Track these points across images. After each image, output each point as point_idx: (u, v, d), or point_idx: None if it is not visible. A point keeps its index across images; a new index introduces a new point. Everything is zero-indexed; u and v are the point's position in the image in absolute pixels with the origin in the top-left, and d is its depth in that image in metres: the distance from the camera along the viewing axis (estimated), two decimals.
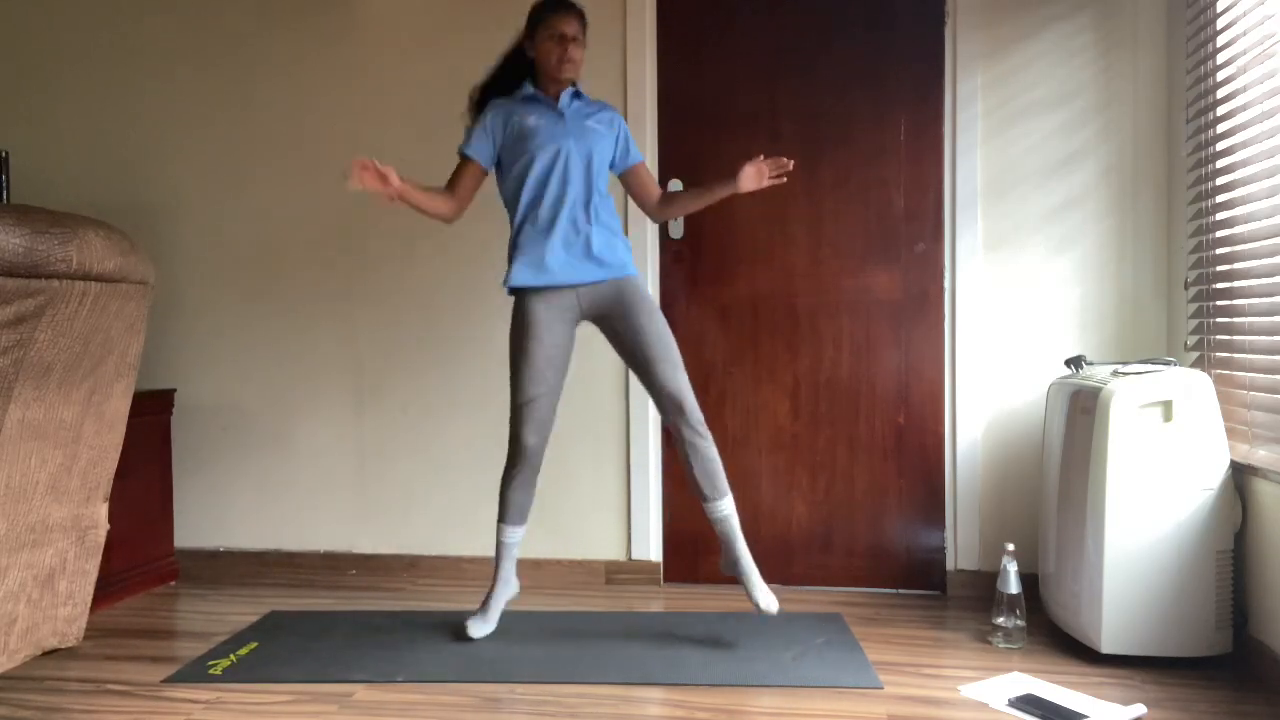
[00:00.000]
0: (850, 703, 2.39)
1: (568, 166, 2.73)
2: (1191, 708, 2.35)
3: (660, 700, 2.45)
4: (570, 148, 2.73)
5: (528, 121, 2.75)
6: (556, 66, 2.74)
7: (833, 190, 3.39)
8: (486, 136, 2.78)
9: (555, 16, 2.73)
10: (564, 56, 2.73)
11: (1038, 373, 3.26)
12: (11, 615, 2.50)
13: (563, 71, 2.74)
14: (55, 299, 2.27)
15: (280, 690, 2.49)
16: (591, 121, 2.79)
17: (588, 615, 3.11)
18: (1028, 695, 2.40)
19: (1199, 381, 2.62)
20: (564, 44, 2.73)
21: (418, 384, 3.54)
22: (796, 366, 3.41)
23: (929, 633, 2.95)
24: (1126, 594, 2.59)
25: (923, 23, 3.33)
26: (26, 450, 2.39)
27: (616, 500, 3.46)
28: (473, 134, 2.79)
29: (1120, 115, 3.25)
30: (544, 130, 2.74)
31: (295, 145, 3.59)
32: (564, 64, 2.74)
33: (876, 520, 3.39)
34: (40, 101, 3.69)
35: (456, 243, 3.49)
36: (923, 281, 3.35)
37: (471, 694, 2.46)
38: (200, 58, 3.62)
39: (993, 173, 3.30)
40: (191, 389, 3.63)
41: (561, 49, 2.73)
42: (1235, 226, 2.79)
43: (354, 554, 3.58)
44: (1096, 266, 3.27)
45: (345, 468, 3.59)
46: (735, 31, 3.42)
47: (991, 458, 3.31)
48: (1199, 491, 2.59)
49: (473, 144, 2.78)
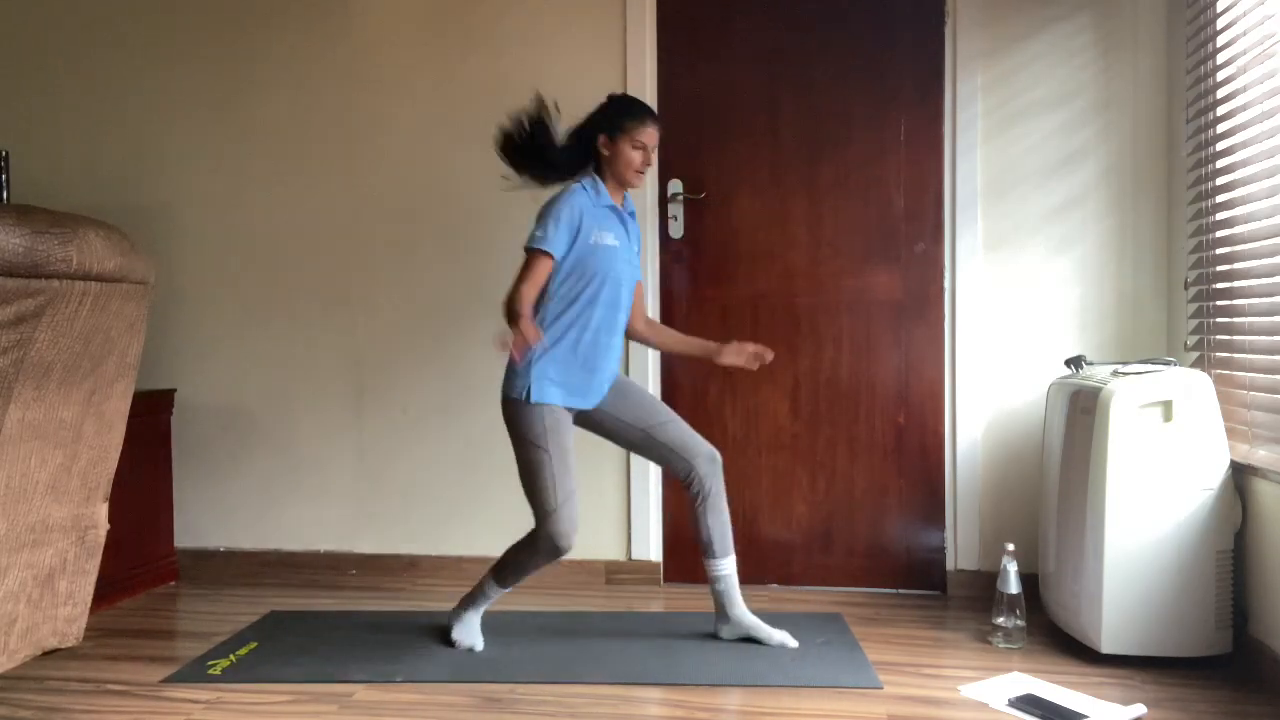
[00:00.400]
0: (850, 703, 2.39)
1: (621, 294, 2.70)
2: (1191, 708, 2.35)
3: (660, 700, 2.45)
4: (629, 274, 2.72)
5: (606, 240, 2.66)
6: (632, 177, 2.70)
7: (833, 190, 3.39)
8: (570, 235, 2.62)
9: (648, 127, 2.69)
10: (643, 167, 2.70)
11: (1038, 373, 3.26)
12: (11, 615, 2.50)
13: (636, 182, 2.73)
14: (55, 299, 2.27)
15: (280, 690, 2.49)
16: (637, 245, 2.80)
17: (588, 615, 3.11)
18: (1028, 695, 2.40)
19: (1199, 381, 2.62)
20: (646, 155, 2.70)
21: (418, 384, 3.53)
22: (796, 366, 3.40)
23: (929, 633, 2.95)
24: (1126, 594, 2.59)
25: (923, 22, 3.33)
26: (26, 450, 2.39)
27: (616, 500, 3.46)
28: (556, 231, 2.60)
29: (1120, 115, 3.25)
30: (619, 257, 2.68)
31: (296, 145, 3.59)
32: (639, 175, 2.71)
33: (876, 520, 3.38)
34: (40, 101, 3.69)
35: (457, 243, 3.49)
36: (923, 281, 3.35)
37: (471, 694, 2.46)
38: (200, 58, 3.62)
39: (993, 173, 3.30)
40: (191, 389, 3.63)
41: (644, 160, 2.69)
42: (1235, 226, 2.79)
43: (354, 554, 3.58)
44: (1096, 266, 3.27)
45: (345, 468, 3.58)
46: (735, 31, 3.42)
47: (991, 458, 3.31)
48: (1199, 491, 2.59)
49: (557, 243, 2.60)
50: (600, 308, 2.65)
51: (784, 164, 3.40)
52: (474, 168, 3.51)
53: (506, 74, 3.46)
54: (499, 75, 3.46)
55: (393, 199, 3.55)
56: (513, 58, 3.46)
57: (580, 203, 2.65)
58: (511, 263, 2.72)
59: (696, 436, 2.76)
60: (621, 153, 2.68)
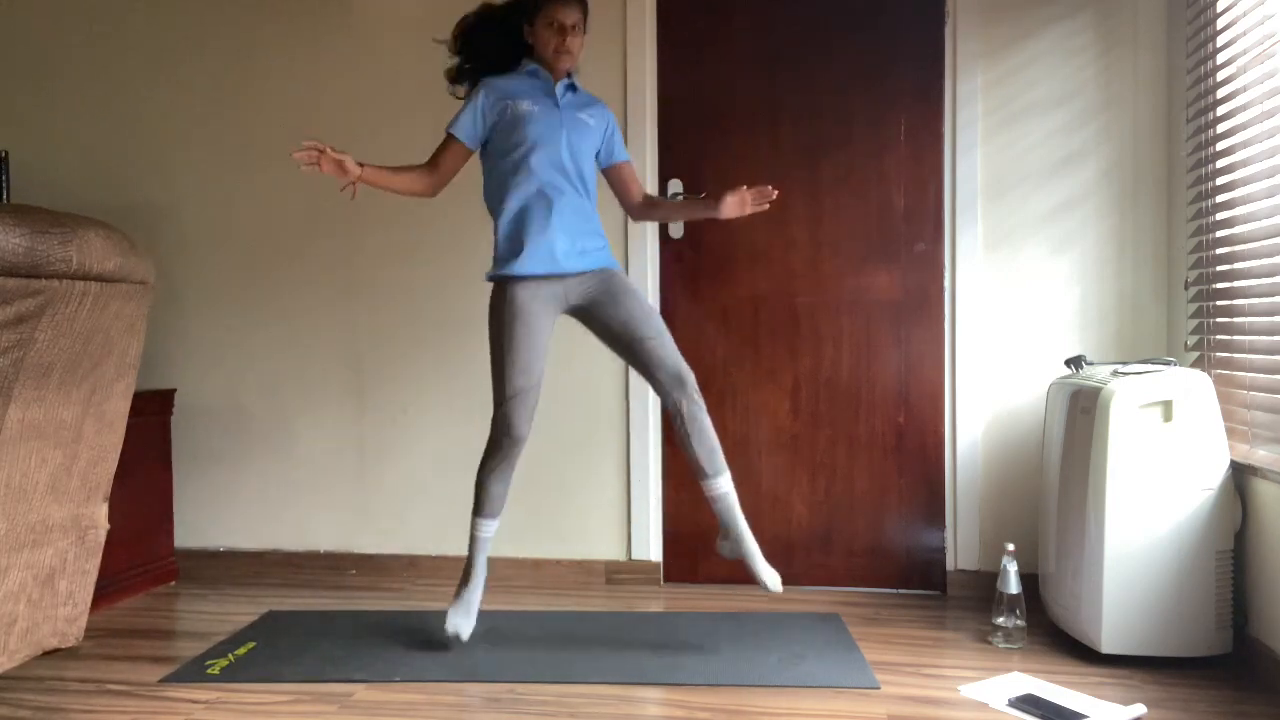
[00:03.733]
0: (850, 703, 2.39)
1: (564, 158, 2.69)
2: (1191, 708, 2.35)
3: (660, 700, 2.45)
4: (565, 139, 2.70)
5: (522, 106, 2.68)
6: (553, 56, 2.69)
7: (832, 189, 3.39)
8: (479, 118, 2.70)
9: (554, 4, 2.67)
10: (561, 46, 2.68)
11: (1038, 373, 3.26)
12: (11, 615, 2.50)
13: (559, 61, 2.70)
14: (55, 299, 2.27)
15: (281, 690, 2.49)
16: (584, 114, 2.76)
17: (588, 615, 3.10)
18: (1028, 695, 2.40)
19: (1199, 381, 2.62)
20: (562, 33, 2.67)
21: (417, 384, 3.54)
22: (796, 366, 3.40)
23: (929, 633, 2.95)
24: (1126, 594, 2.59)
25: (923, 23, 3.33)
26: (26, 450, 2.39)
27: (616, 500, 3.46)
28: (463, 113, 2.71)
29: (1120, 115, 3.25)
30: (541, 120, 2.68)
31: (295, 144, 3.58)
32: (560, 54, 2.69)
33: (876, 520, 3.39)
34: (40, 101, 3.69)
35: (457, 243, 3.49)
36: (923, 281, 3.35)
37: (471, 694, 2.46)
38: (200, 57, 3.62)
39: (993, 172, 3.30)
40: (191, 389, 3.63)
41: (560, 39, 2.67)
42: (1235, 226, 2.79)
43: (354, 554, 3.58)
44: (1096, 266, 3.27)
45: (345, 468, 3.58)
46: (735, 31, 3.42)
47: (991, 458, 3.31)
48: (1199, 491, 2.59)
49: (462, 124, 2.70)
50: (535, 171, 2.67)
51: (784, 164, 3.40)
52: (474, 167, 3.51)
53: None
54: None
55: (393, 199, 3.54)
56: None
57: (489, 86, 2.70)
58: None
59: (671, 356, 2.69)
60: (539, 36, 2.70)
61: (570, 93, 2.77)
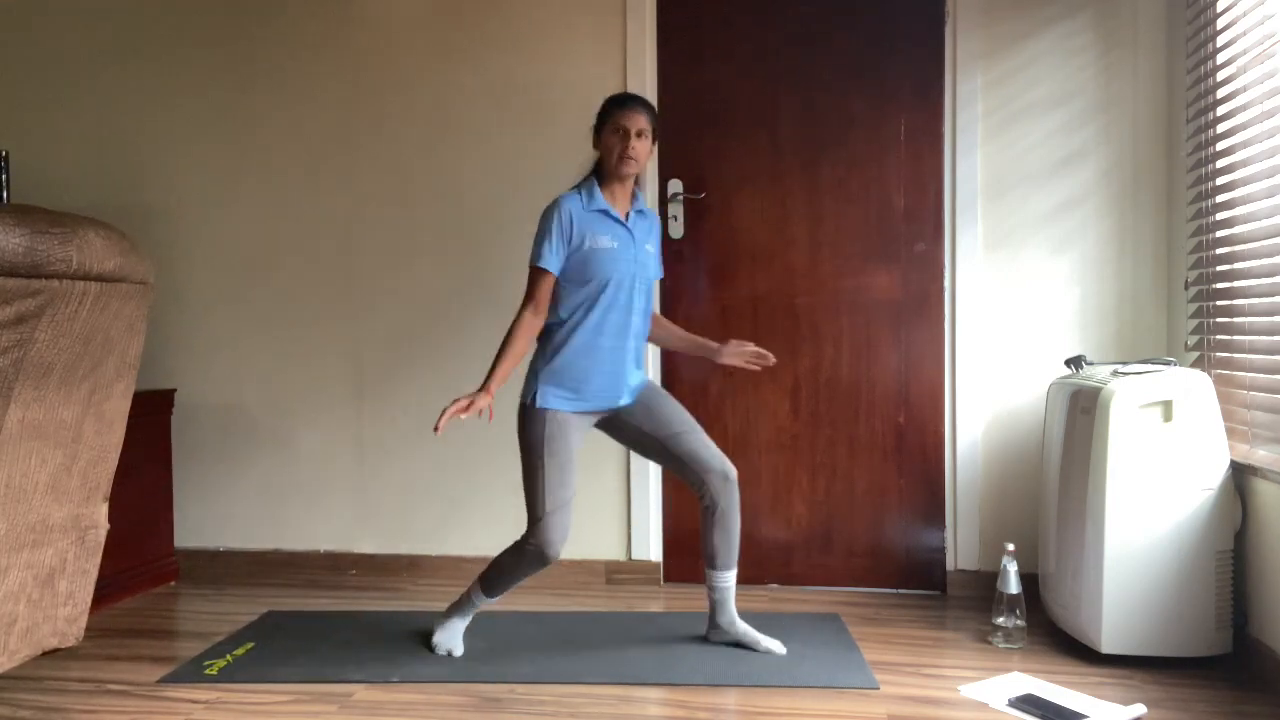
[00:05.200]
0: (850, 703, 2.39)
1: (631, 296, 2.67)
2: (1191, 708, 2.35)
3: (660, 700, 2.45)
4: (636, 274, 2.68)
5: (601, 243, 2.63)
6: (617, 162, 2.64)
7: (832, 189, 3.39)
8: (563, 248, 2.62)
9: (620, 111, 2.64)
10: (626, 152, 2.62)
11: (1038, 373, 3.26)
12: (11, 615, 2.50)
13: (624, 167, 2.64)
14: (55, 299, 2.27)
15: (281, 690, 2.49)
16: (649, 244, 2.74)
17: (588, 615, 3.10)
18: (1028, 695, 2.40)
19: (1199, 381, 2.62)
20: (626, 139, 2.63)
21: (418, 384, 3.53)
22: (796, 366, 3.40)
23: (929, 633, 2.95)
24: (1126, 594, 2.59)
25: (923, 23, 3.33)
26: (26, 450, 2.39)
27: (616, 500, 3.46)
28: (545, 246, 2.62)
29: (1120, 115, 3.25)
30: (617, 258, 2.63)
31: (296, 145, 3.59)
32: (625, 160, 2.63)
33: (876, 520, 3.38)
34: (40, 101, 3.69)
35: (457, 243, 3.50)
36: (923, 281, 3.35)
37: (471, 694, 2.46)
38: (201, 58, 3.62)
39: (993, 173, 3.30)
40: (191, 389, 3.63)
41: (624, 144, 2.62)
42: (1235, 226, 2.79)
43: (354, 554, 3.58)
44: (1096, 266, 3.27)
45: (345, 468, 3.58)
46: (735, 31, 3.42)
47: (991, 458, 3.31)
48: (1199, 491, 2.59)
49: (548, 259, 2.61)
50: (602, 311, 2.64)
51: (784, 164, 3.40)
52: (474, 168, 3.52)
53: (506, 75, 3.46)
54: (499, 76, 3.47)
55: (393, 199, 3.55)
56: (512, 59, 3.47)
57: (568, 210, 2.63)
58: (511, 263, 2.73)
59: (713, 450, 2.71)
60: (605, 143, 2.67)
61: (638, 217, 2.72)
